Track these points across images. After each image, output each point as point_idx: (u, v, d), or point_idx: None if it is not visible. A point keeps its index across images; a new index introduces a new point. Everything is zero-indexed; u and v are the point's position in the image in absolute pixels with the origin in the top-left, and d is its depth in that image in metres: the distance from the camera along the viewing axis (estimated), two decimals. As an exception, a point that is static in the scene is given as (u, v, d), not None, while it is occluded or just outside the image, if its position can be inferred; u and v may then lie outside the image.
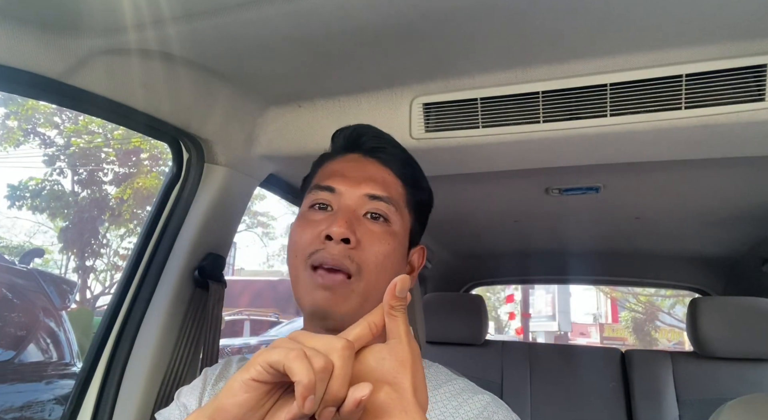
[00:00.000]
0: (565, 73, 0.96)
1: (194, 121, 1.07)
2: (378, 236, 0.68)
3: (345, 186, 0.71)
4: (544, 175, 1.38)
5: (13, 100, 9.22)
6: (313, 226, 0.69)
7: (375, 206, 0.70)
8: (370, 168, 0.74)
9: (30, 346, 3.07)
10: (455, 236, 2.22)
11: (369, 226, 0.69)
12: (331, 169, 0.75)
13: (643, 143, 1.02)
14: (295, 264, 0.69)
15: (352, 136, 0.78)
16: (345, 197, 0.70)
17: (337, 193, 0.71)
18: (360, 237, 0.67)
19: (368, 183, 0.71)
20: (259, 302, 12.52)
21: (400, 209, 0.73)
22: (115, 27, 0.83)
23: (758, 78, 0.87)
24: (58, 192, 9.97)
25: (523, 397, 1.94)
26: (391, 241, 0.69)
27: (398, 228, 0.71)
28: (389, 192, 0.72)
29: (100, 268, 11.65)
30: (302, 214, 0.73)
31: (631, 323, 16.04)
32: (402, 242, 0.72)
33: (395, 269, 0.70)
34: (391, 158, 0.76)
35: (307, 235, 0.68)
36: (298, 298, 0.69)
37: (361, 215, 0.70)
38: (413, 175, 0.78)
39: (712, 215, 1.70)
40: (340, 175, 0.73)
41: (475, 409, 0.66)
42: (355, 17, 0.82)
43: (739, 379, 1.72)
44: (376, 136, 0.78)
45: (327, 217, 0.69)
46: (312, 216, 0.71)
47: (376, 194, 0.70)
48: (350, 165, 0.75)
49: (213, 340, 1.15)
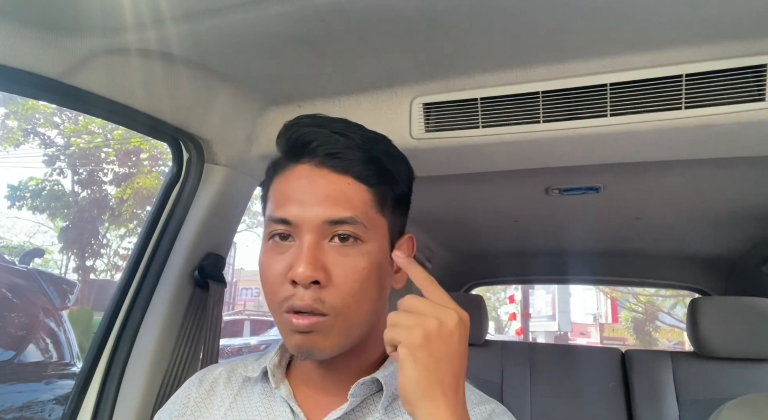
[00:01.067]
0: (565, 73, 0.96)
1: (194, 121, 1.07)
2: (350, 264, 0.61)
3: (300, 215, 0.62)
4: (544, 175, 1.38)
5: (13, 100, 9.22)
6: (277, 263, 0.63)
7: (339, 230, 0.62)
8: (324, 183, 0.63)
9: (30, 346, 3.07)
10: (455, 236, 2.22)
11: (338, 252, 0.62)
12: (283, 192, 0.65)
13: (643, 143, 1.02)
14: (271, 306, 0.65)
15: (299, 142, 0.65)
16: (303, 228, 0.62)
17: (294, 225, 0.62)
18: (330, 269, 0.61)
19: (325, 204, 0.62)
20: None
21: (371, 220, 0.64)
22: (115, 27, 0.84)
23: (758, 78, 0.87)
24: (58, 192, 9.98)
25: (523, 397, 1.94)
26: (366, 262, 0.62)
27: (372, 244, 0.64)
28: (353, 208, 0.62)
29: (100, 268, 11.66)
30: (264, 247, 0.66)
31: (631, 323, 16.04)
32: (380, 254, 0.65)
33: (374, 287, 0.64)
34: (348, 163, 0.64)
35: (274, 276, 0.63)
36: (283, 340, 0.66)
37: (326, 243, 0.62)
38: (380, 170, 0.66)
39: (712, 215, 1.70)
40: (291, 200, 0.63)
41: (479, 412, 0.66)
42: (355, 17, 0.82)
43: (739, 379, 1.72)
44: (328, 138, 0.64)
45: (291, 251, 0.62)
46: (274, 249, 0.64)
47: (337, 218, 0.61)
48: (301, 184, 0.64)
49: (213, 340, 1.15)
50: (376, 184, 0.66)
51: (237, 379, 0.75)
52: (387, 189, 0.67)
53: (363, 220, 0.63)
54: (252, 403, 0.70)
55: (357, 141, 0.65)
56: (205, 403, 0.74)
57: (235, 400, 0.72)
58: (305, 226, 0.62)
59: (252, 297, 19.51)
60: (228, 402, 0.72)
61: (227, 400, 0.72)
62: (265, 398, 0.70)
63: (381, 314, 0.68)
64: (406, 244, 0.71)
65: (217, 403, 0.73)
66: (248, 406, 0.70)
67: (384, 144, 0.69)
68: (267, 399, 0.70)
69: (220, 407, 0.72)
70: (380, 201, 0.66)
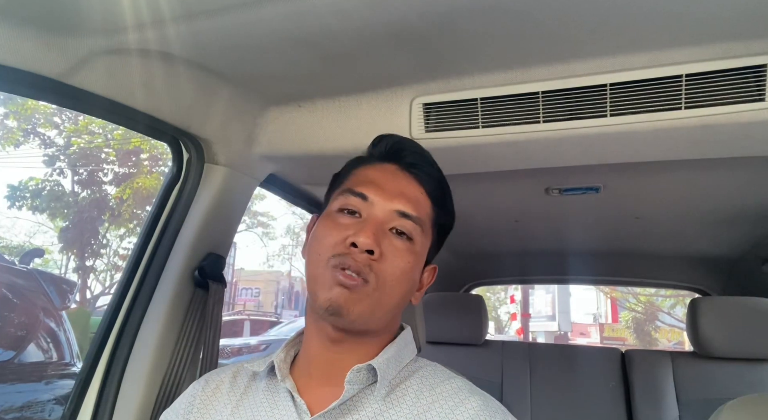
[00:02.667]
0: (565, 73, 0.96)
1: (194, 121, 1.07)
2: (400, 253, 0.69)
3: (378, 197, 0.71)
4: (544, 175, 1.38)
5: (13, 100, 9.22)
6: (340, 229, 0.69)
7: (402, 224, 0.70)
8: (404, 183, 0.74)
9: (30, 346, 3.07)
10: (455, 236, 2.19)
11: (393, 241, 0.69)
12: (366, 176, 0.74)
13: (643, 143, 1.02)
14: (316, 261, 0.69)
15: (395, 147, 0.77)
16: (376, 208, 0.70)
17: (369, 202, 0.71)
18: (383, 250, 0.67)
19: (401, 199, 0.71)
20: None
21: (426, 229, 0.73)
22: (115, 27, 0.84)
23: (758, 78, 0.87)
24: (58, 192, 9.97)
25: (523, 397, 1.94)
26: (411, 259, 0.70)
27: (419, 248, 0.72)
28: (419, 211, 0.72)
29: (100, 268, 11.66)
30: (330, 215, 0.73)
31: (631, 323, 16.03)
32: (420, 261, 0.73)
33: (409, 285, 0.71)
34: (426, 177, 0.76)
35: (333, 237, 0.68)
36: (314, 294, 0.68)
37: (387, 229, 0.70)
38: (443, 196, 0.78)
39: (712, 215, 1.70)
40: (374, 184, 0.72)
41: (470, 408, 0.66)
42: (355, 17, 0.82)
43: (739, 379, 1.72)
44: (417, 152, 0.77)
45: (355, 223, 0.69)
46: (340, 219, 0.71)
47: (407, 212, 0.70)
48: (386, 176, 0.74)
49: (213, 340, 1.15)
50: (437, 205, 0.76)
51: (243, 379, 0.77)
52: (442, 214, 0.77)
53: (421, 224, 0.72)
54: (257, 399, 0.72)
55: (436, 166, 0.79)
56: (211, 402, 0.75)
57: (241, 398, 0.74)
58: (378, 206, 0.70)
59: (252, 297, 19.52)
60: (234, 401, 0.73)
61: (234, 399, 0.74)
62: (269, 393, 0.72)
63: (397, 317, 0.75)
64: (429, 271, 0.79)
65: (224, 402, 0.74)
66: (254, 402, 0.72)
67: (447, 183, 0.80)
68: (271, 393, 0.72)
69: (227, 405, 0.73)
70: (434, 219, 0.76)
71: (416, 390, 0.69)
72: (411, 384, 0.70)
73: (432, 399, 0.67)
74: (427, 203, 0.75)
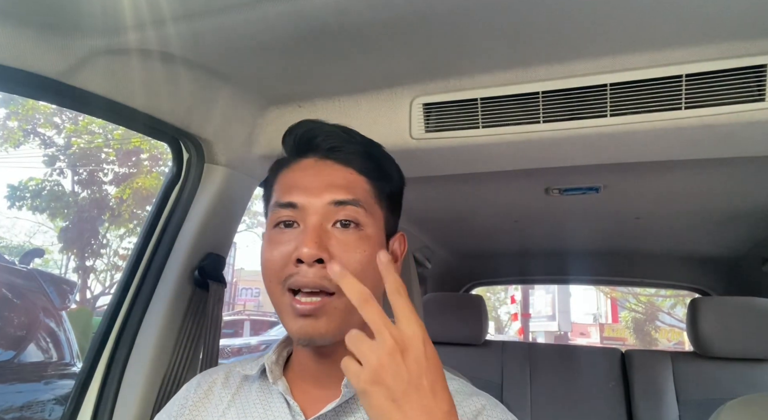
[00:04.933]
0: (565, 73, 0.96)
1: (194, 121, 1.07)
2: (352, 246, 0.65)
3: (306, 198, 0.66)
4: (544, 175, 1.38)
5: (13, 100, 9.23)
6: (282, 246, 0.65)
7: (344, 213, 0.66)
8: (328, 172, 0.69)
9: (30, 346, 3.07)
10: (455, 236, 2.22)
11: (340, 236, 0.65)
12: (289, 181, 0.70)
13: (643, 143, 1.02)
14: (272, 289, 0.66)
15: (304, 138, 0.72)
16: (309, 211, 0.66)
17: (300, 209, 0.66)
18: (333, 251, 0.63)
19: (330, 189, 0.66)
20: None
21: (371, 208, 0.68)
22: (115, 27, 0.83)
23: (758, 78, 0.87)
24: (58, 192, 9.97)
25: (523, 397, 1.94)
26: (366, 247, 0.66)
27: (371, 230, 0.68)
28: (355, 193, 0.67)
29: (100, 268, 11.65)
30: (268, 235, 0.69)
31: (631, 323, 16.03)
32: (378, 242, 0.69)
33: (376, 273, 0.66)
34: (350, 156, 0.70)
35: (277, 257, 0.65)
36: (282, 322, 0.66)
37: (329, 227, 0.66)
38: (378, 166, 0.72)
39: (712, 215, 1.70)
40: (298, 187, 0.68)
41: (469, 412, 0.66)
42: (355, 17, 0.82)
43: (739, 379, 1.72)
44: (330, 134, 0.71)
45: (295, 236, 0.65)
46: (278, 237, 0.67)
47: (341, 199, 0.66)
48: (307, 173, 0.69)
49: (213, 340, 1.15)
50: (374, 178, 0.71)
51: (235, 379, 0.76)
52: (383, 184, 0.72)
53: (364, 205, 0.67)
54: (250, 401, 0.71)
55: (356, 138, 0.73)
56: (203, 403, 0.75)
57: (233, 399, 0.73)
58: (310, 209, 0.66)
59: (252, 297, 19.51)
60: (226, 401, 0.73)
61: (225, 399, 0.73)
62: (262, 395, 0.71)
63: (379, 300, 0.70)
64: (398, 240, 0.75)
65: (215, 403, 0.73)
66: (246, 403, 0.71)
67: (378, 146, 0.75)
68: (264, 395, 0.71)
69: (219, 406, 0.73)
70: (378, 194, 0.71)
71: None
72: None
73: None
74: (360, 181, 0.69)
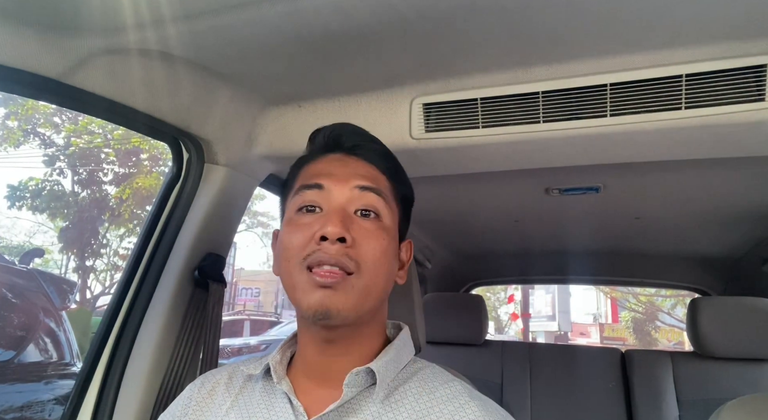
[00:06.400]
0: (565, 73, 0.96)
1: (194, 121, 1.07)
2: (372, 233, 0.67)
3: (333, 182, 0.69)
4: (544, 175, 1.38)
5: (13, 100, 9.22)
6: (304, 229, 0.67)
7: (366, 200, 0.69)
8: (354, 165, 0.73)
9: (30, 346, 3.08)
10: (455, 236, 2.22)
11: (361, 223, 0.67)
12: (316, 170, 0.73)
13: (643, 143, 1.02)
14: (289, 268, 0.66)
15: (332, 135, 0.76)
16: (334, 194, 0.68)
17: (325, 190, 0.69)
18: (355, 236, 0.65)
19: (356, 177, 0.70)
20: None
21: (389, 202, 0.72)
22: (115, 27, 0.84)
23: (758, 78, 0.87)
24: (58, 192, 9.97)
25: (523, 397, 1.94)
26: (385, 236, 0.68)
27: (389, 222, 0.70)
28: (378, 184, 0.71)
29: (100, 268, 11.65)
30: (290, 219, 0.70)
31: (631, 323, 16.03)
32: (394, 237, 0.72)
33: (390, 265, 0.70)
34: (372, 154, 0.75)
35: (299, 238, 0.66)
36: (297, 302, 0.66)
37: (352, 213, 0.68)
38: (396, 169, 0.77)
39: (712, 215, 1.70)
40: (326, 173, 0.71)
41: (470, 414, 0.66)
42: (355, 17, 0.82)
43: (739, 379, 1.72)
44: (355, 133, 0.76)
45: (318, 219, 0.67)
46: (301, 219, 0.68)
47: (367, 185, 0.69)
48: (334, 164, 0.73)
49: (213, 340, 1.15)
50: (393, 178, 0.75)
51: (238, 380, 0.76)
52: (400, 186, 0.76)
53: (384, 196, 0.70)
54: (253, 400, 0.71)
55: (378, 142, 0.77)
56: (206, 403, 0.75)
57: (236, 398, 0.73)
58: (336, 191, 0.69)
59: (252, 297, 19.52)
60: (230, 401, 0.73)
61: (229, 399, 0.73)
62: (266, 394, 0.71)
63: (384, 302, 0.73)
64: (406, 247, 0.78)
65: (219, 403, 0.74)
66: (249, 403, 0.71)
67: (393, 155, 0.78)
68: (268, 395, 0.71)
69: (222, 406, 0.73)
70: (395, 193, 0.75)
71: (415, 393, 0.68)
72: (410, 387, 0.69)
73: (431, 403, 0.67)
74: (382, 178, 0.73)
